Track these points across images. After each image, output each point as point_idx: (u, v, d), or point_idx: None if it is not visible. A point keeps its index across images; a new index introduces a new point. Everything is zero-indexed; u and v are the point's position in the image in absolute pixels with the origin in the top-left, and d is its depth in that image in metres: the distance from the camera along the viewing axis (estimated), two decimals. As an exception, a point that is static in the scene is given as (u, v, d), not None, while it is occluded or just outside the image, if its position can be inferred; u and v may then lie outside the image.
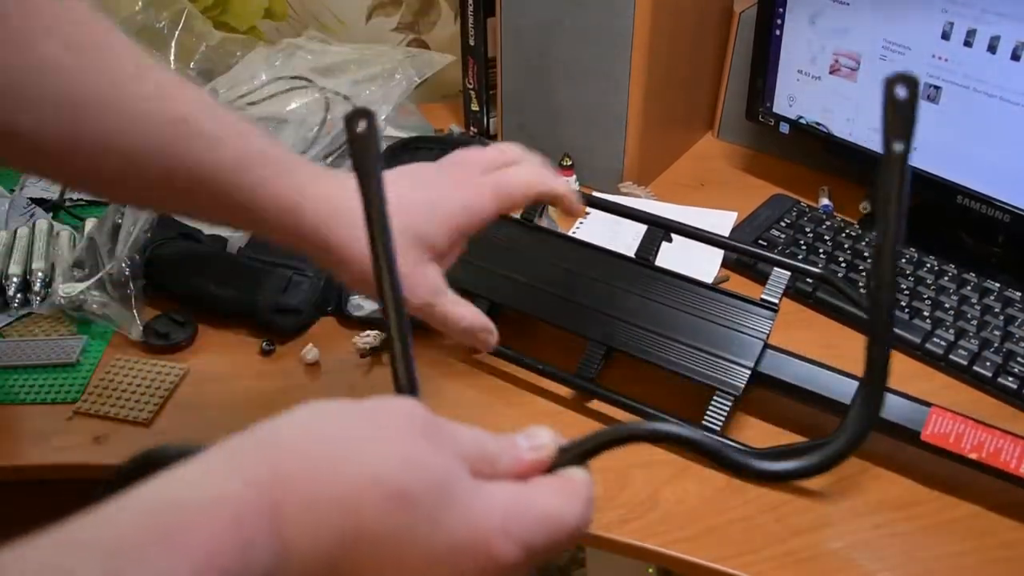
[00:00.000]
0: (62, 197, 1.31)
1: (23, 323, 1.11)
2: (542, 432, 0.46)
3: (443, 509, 0.40)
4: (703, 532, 0.85)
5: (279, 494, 0.38)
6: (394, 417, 0.42)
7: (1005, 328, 1.04)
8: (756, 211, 1.26)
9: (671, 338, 0.95)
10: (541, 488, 0.43)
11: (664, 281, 1.00)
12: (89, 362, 1.05)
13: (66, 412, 0.99)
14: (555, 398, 0.99)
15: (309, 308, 1.09)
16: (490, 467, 0.43)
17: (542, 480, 0.44)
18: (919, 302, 1.08)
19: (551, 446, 0.45)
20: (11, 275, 1.13)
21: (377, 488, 0.39)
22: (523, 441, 0.45)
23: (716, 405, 0.91)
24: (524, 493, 0.42)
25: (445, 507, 0.40)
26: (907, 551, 0.83)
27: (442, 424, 0.43)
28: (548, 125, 1.33)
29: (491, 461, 0.43)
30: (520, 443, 0.45)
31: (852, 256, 1.15)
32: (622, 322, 0.97)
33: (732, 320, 0.95)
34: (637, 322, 0.97)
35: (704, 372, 0.93)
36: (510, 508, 0.41)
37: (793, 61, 1.24)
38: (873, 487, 0.89)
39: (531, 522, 0.41)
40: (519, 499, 0.42)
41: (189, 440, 0.93)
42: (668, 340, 0.95)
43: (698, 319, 0.96)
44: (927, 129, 1.13)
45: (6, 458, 0.95)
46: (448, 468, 0.41)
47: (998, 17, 1.02)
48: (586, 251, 1.05)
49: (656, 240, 1.03)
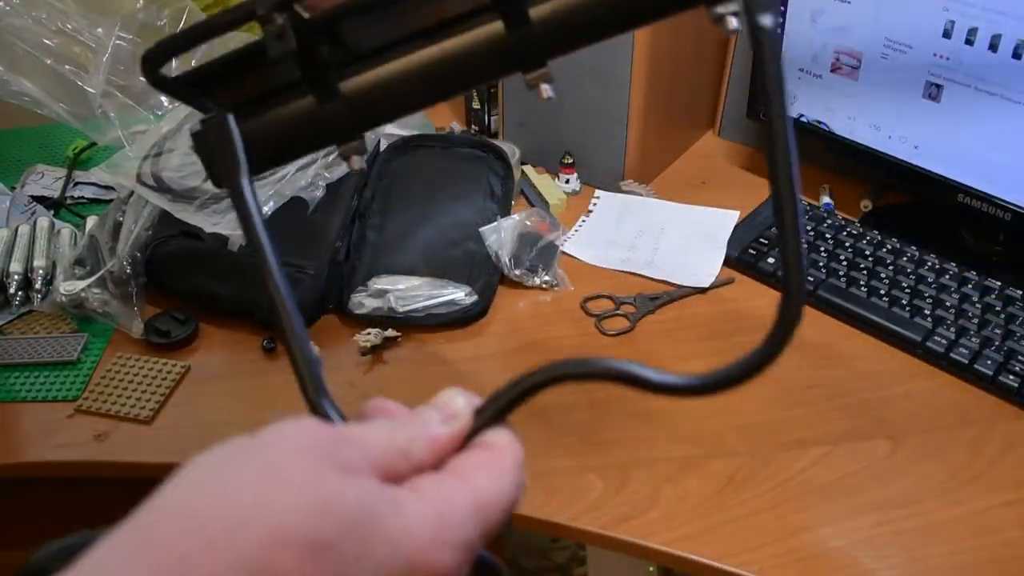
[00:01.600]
0: (63, 195, 1.32)
1: (24, 321, 1.11)
2: (455, 399, 0.43)
3: (367, 544, 0.36)
4: (704, 530, 0.85)
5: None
6: (291, 452, 0.37)
7: (1006, 327, 1.04)
8: (757, 210, 1.26)
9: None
10: (463, 472, 0.40)
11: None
12: (90, 360, 1.05)
13: (67, 410, 0.99)
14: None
15: (310, 306, 1.09)
16: (405, 461, 0.40)
17: (462, 459, 0.41)
18: (920, 300, 1.08)
19: (465, 413, 0.42)
20: (12, 273, 1.13)
21: (290, 544, 0.35)
22: (434, 415, 0.42)
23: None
24: (447, 491, 0.39)
25: (369, 541, 0.36)
26: (908, 549, 0.83)
27: (347, 437, 0.39)
28: (549, 123, 1.33)
29: (404, 453, 0.40)
30: (431, 419, 0.42)
31: (853, 254, 1.15)
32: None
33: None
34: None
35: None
36: (437, 515, 0.38)
37: (794, 59, 1.24)
38: (874, 486, 0.89)
39: (463, 520, 0.39)
40: (443, 500, 0.39)
41: (187, 441, 0.93)
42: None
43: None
44: (928, 127, 1.13)
45: (7, 455, 0.95)
46: (362, 498, 0.37)
47: (999, 16, 1.02)
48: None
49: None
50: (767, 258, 1.16)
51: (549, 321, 1.10)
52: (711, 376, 0.42)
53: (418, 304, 1.09)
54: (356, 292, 1.11)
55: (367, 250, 1.16)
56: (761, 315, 1.10)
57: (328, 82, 0.51)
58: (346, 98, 0.51)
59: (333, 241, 1.15)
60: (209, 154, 0.52)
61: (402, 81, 0.51)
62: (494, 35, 0.51)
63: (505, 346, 1.07)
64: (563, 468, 0.91)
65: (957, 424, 0.96)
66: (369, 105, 0.52)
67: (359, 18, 0.51)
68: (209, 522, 0.35)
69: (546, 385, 0.43)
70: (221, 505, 0.36)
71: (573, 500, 0.88)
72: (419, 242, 1.17)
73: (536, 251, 1.15)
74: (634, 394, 0.42)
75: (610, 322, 1.09)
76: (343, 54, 0.51)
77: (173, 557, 0.34)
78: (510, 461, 0.41)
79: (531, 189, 1.30)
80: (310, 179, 1.20)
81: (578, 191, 1.32)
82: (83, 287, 1.08)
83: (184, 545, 0.35)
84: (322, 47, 0.50)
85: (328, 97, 0.51)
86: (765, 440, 0.94)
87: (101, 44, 1.20)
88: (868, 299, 1.09)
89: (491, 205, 1.22)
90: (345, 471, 0.37)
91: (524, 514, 0.87)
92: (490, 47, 0.51)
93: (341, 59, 0.51)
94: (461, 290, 1.11)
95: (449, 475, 0.40)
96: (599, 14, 0.50)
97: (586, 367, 0.44)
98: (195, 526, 0.35)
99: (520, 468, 0.42)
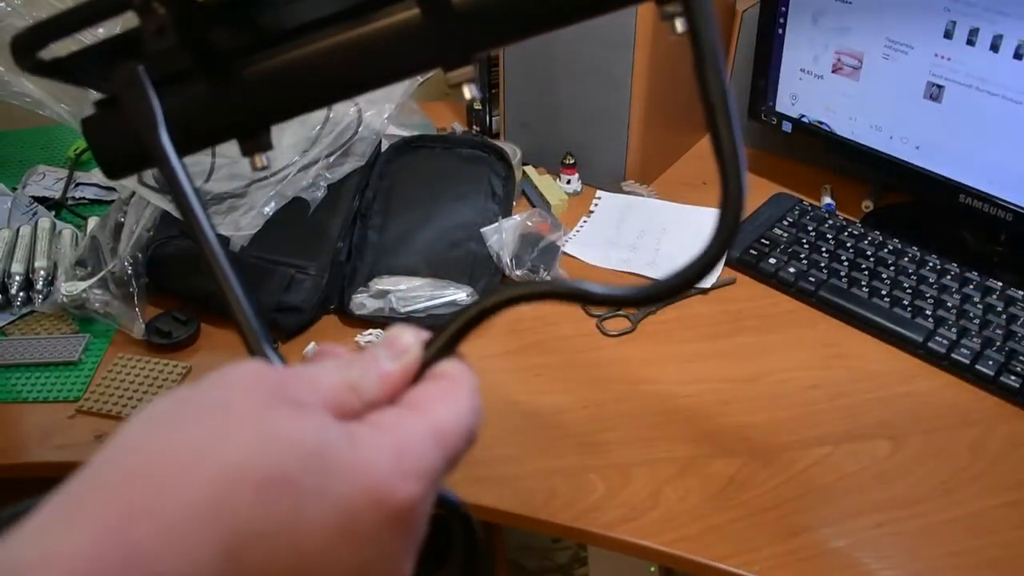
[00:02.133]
0: (64, 196, 1.32)
1: (25, 321, 1.11)
2: (403, 334, 0.41)
3: (325, 476, 0.35)
4: (705, 531, 0.85)
5: (133, 531, 0.32)
6: (241, 389, 0.36)
7: (1007, 327, 1.04)
8: (758, 210, 1.26)
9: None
10: (419, 403, 0.39)
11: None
12: (91, 360, 1.05)
13: (68, 410, 0.99)
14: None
15: (311, 307, 1.09)
16: (357, 398, 0.39)
17: (416, 391, 0.40)
18: (921, 301, 1.08)
19: (414, 347, 0.41)
20: (14, 273, 1.13)
21: (245, 480, 0.33)
22: (383, 351, 0.41)
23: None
24: (404, 422, 0.38)
25: (326, 473, 0.35)
26: (909, 550, 0.83)
27: (296, 375, 0.38)
28: (550, 124, 1.33)
29: (355, 389, 0.39)
30: (380, 355, 0.40)
31: (855, 255, 1.15)
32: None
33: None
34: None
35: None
36: (396, 445, 0.37)
37: (795, 60, 1.24)
38: (875, 486, 0.89)
39: (423, 449, 0.37)
40: (401, 431, 0.37)
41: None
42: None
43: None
44: (930, 128, 1.13)
45: (7, 456, 0.95)
46: (317, 430, 0.36)
47: (1001, 16, 1.02)
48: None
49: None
50: (768, 258, 1.16)
51: (550, 321, 1.10)
52: (652, 287, 0.41)
53: (419, 305, 1.09)
54: (357, 293, 1.11)
55: (368, 251, 1.16)
56: (763, 315, 1.11)
57: (224, 69, 0.47)
58: (245, 87, 0.47)
59: (334, 241, 1.15)
60: (105, 138, 0.49)
61: (307, 69, 0.47)
62: (410, 22, 0.46)
63: (506, 347, 1.07)
64: (564, 468, 0.91)
65: (958, 424, 0.96)
66: (270, 95, 0.48)
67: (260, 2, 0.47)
68: (158, 465, 0.34)
69: (492, 311, 0.42)
70: (169, 447, 0.34)
71: (574, 500, 0.88)
72: (420, 243, 1.17)
73: (537, 252, 1.15)
74: (634, 394, 0.42)
75: (611, 323, 1.09)
76: (243, 38, 0.47)
77: (122, 507, 0.33)
78: (465, 388, 0.40)
79: (532, 190, 1.30)
80: (311, 179, 1.20)
81: (579, 192, 1.32)
82: (84, 288, 1.09)
83: (133, 492, 0.33)
84: (218, 31, 0.46)
85: (224, 85, 0.47)
86: (766, 440, 0.94)
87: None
88: (869, 299, 1.09)
89: (492, 206, 1.22)
90: (297, 407, 0.36)
91: (525, 514, 0.87)
92: (405, 35, 0.46)
93: (241, 44, 0.47)
94: (462, 291, 1.11)
95: (406, 408, 0.39)
96: (529, 6, 0.46)
97: (530, 288, 0.43)
98: (144, 471, 0.34)
99: (476, 395, 0.40)
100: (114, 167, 0.50)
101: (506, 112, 1.38)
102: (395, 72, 0.48)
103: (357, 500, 0.35)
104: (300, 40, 0.47)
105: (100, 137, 0.49)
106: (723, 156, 0.41)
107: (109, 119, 0.49)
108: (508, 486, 0.89)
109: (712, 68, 0.42)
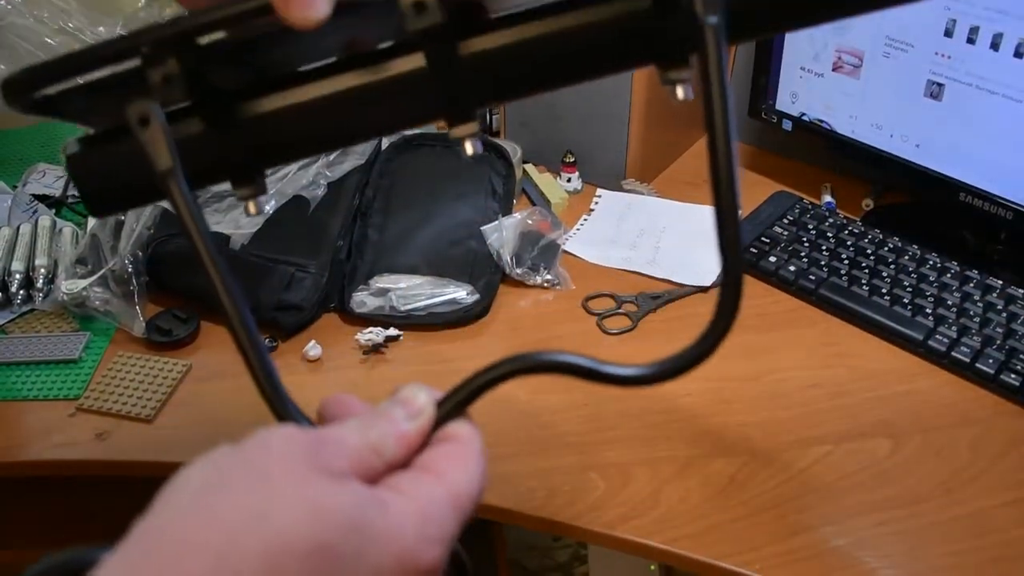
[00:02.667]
0: (65, 194, 1.32)
1: (26, 319, 1.11)
2: (417, 395, 0.44)
3: (361, 544, 0.38)
4: (705, 530, 0.85)
5: None
6: (278, 458, 0.39)
7: (1007, 325, 1.04)
8: (758, 208, 1.26)
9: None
10: (437, 468, 0.42)
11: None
12: (92, 358, 1.05)
13: (68, 408, 0.99)
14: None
15: (311, 305, 1.09)
16: (380, 460, 0.41)
17: (433, 455, 0.43)
18: (921, 299, 1.08)
19: (429, 407, 0.43)
20: (14, 271, 1.13)
21: (293, 551, 0.36)
22: (399, 412, 0.43)
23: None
24: (426, 488, 0.41)
25: (363, 543, 0.38)
26: (910, 549, 0.83)
27: (323, 439, 0.40)
28: (551, 122, 1.33)
29: (378, 451, 0.41)
30: (397, 416, 0.43)
31: (855, 253, 1.15)
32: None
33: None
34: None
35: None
36: (420, 513, 0.40)
37: (795, 58, 1.24)
38: (875, 485, 0.89)
39: (443, 515, 0.41)
40: (424, 498, 0.40)
41: (188, 440, 0.93)
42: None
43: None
44: (930, 126, 1.13)
45: (8, 454, 0.95)
46: (354, 500, 0.38)
47: (1000, 15, 1.02)
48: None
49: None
50: (768, 257, 1.16)
51: (550, 320, 1.10)
52: (658, 366, 0.44)
53: (419, 303, 1.09)
54: (357, 291, 1.11)
55: (368, 249, 1.16)
56: (763, 314, 1.11)
57: (223, 110, 0.46)
58: (243, 129, 0.46)
59: (335, 240, 1.15)
60: (94, 175, 0.47)
61: (306, 115, 0.46)
62: (416, 73, 0.45)
63: (506, 345, 1.07)
64: (565, 467, 0.91)
65: (958, 423, 0.96)
66: (268, 138, 0.47)
67: (264, 45, 0.45)
68: (210, 540, 0.36)
69: (503, 379, 0.44)
70: (219, 521, 0.36)
71: (575, 499, 0.88)
72: (420, 241, 1.17)
73: (537, 250, 1.15)
74: (635, 393, 0.43)
75: (612, 321, 1.09)
76: (243, 80, 0.46)
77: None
78: (475, 451, 0.43)
79: (533, 188, 1.30)
80: (311, 178, 1.20)
81: (580, 190, 1.32)
82: (85, 286, 1.08)
83: (190, 563, 0.35)
84: (219, 72, 0.45)
85: (222, 126, 0.46)
86: (766, 440, 0.94)
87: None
88: (870, 298, 1.09)
89: (492, 204, 1.22)
90: (332, 475, 0.39)
91: (526, 513, 0.87)
92: (410, 87, 0.45)
93: (241, 85, 0.46)
94: (462, 289, 1.11)
95: (424, 472, 0.42)
96: (539, 63, 0.46)
97: (540, 360, 0.44)
98: (198, 541, 0.36)
99: (484, 456, 0.43)
100: (102, 205, 0.49)
101: (507, 110, 1.38)
102: (396, 123, 0.48)
103: (387, 565, 0.38)
104: (302, 85, 0.46)
105: (89, 174, 0.48)
106: (723, 236, 0.44)
107: (97, 156, 0.48)
108: (509, 484, 0.89)
109: (724, 156, 0.44)
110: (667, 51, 0.44)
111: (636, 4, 0.44)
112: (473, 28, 0.45)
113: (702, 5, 0.41)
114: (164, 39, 0.42)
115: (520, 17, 0.45)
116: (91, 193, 0.48)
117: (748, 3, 0.45)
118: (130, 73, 0.44)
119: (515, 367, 0.43)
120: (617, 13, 0.45)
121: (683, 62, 0.44)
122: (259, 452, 0.39)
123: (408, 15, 0.42)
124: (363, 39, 0.47)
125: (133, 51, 0.42)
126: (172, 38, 0.42)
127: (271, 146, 0.47)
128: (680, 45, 0.44)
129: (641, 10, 0.44)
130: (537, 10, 0.46)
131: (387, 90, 0.46)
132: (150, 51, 0.42)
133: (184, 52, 0.42)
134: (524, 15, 0.46)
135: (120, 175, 0.48)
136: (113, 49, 0.43)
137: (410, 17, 0.42)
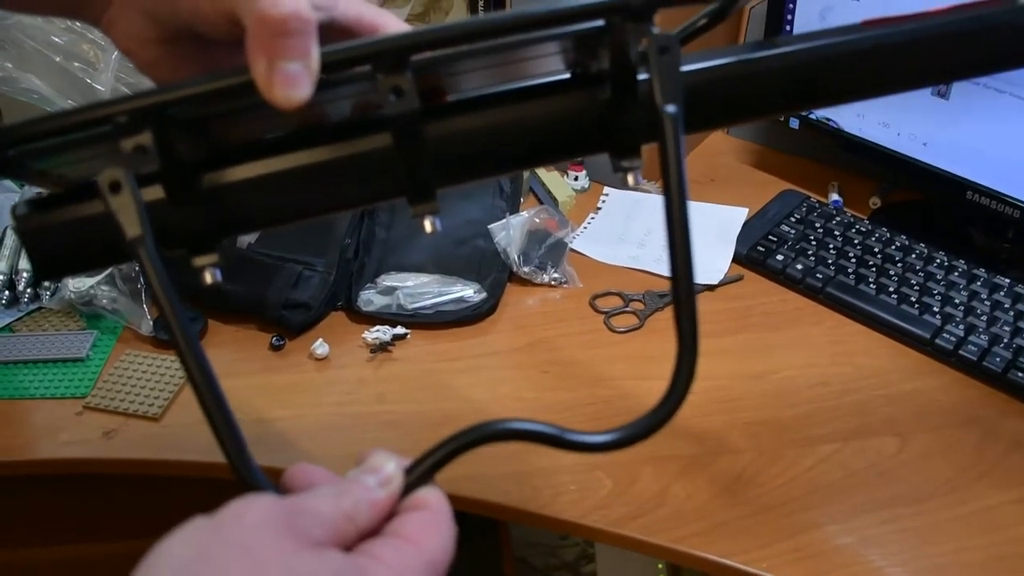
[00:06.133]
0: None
1: (33, 318, 1.11)
2: (386, 463, 0.45)
3: None
4: (712, 528, 0.85)
5: None
6: (257, 531, 0.39)
7: (1015, 324, 1.04)
8: (766, 207, 1.26)
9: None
10: (411, 535, 0.43)
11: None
12: (99, 357, 1.05)
13: (76, 407, 0.99)
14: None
15: (319, 303, 1.09)
16: (354, 527, 0.42)
17: (406, 522, 0.44)
18: (929, 298, 1.08)
19: (398, 475, 0.45)
20: (21, 270, 1.13)
21: None
22: (370, 479, 0.44)
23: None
24: (403, 556, 0.42)
25: None
26: (915, 547, 0.83)
27: (301, 510, 0.41)
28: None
29: (351, 519, 0.42)
30: (369, 483, 0.44)
31: (862, 252, 1.15)
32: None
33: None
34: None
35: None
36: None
37: (803, 56, 1.23)
38: (882, 483, 0.89)
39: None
40: (402, 565, 0.41)
41: (196, 438, 0.93)
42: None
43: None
44: (937, 125, 1.13)
45: (16, 452, 0.95)
46: (335, 569, 0.40)
47: (1009, 12, 1.02)
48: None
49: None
50: (776, 255, 1.16)
51: (558, 318, 1.10)
52: (621, 432, 0.48)
53: (427, 301, 1.10)
54: (365, 289, 1.11)
55: (376, 247, 1.17)
56: (770, 312, 1.10)
57: (187, 177, 0.45)
58: (205, 198, 0.46)
59: (342, 238, 1.15)
60: (47, 239, 0.46)
61: (268, 187, 0.46)
62: (381, 151, 0.45)
63: (514, 343, 1.07)
64: (571, 466, 0.91)
65: (965, 421, 0.96)
66: (229, 208, 0.47)
67: (234, 117, 0.46)
68: None
69: (468, 448, 0.45)
70: None
71: (582, 498, 0.88)
72: (428, 239, 1.17)
73: (545, 248, 1.15)
74: (641, 391, 0.44)
75: (619, 319, 1.09)
76: (205, 149, 0.46)
77: None
78: (446, 518, 0.44)
79: (540, 186, 1.30)
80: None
81: (587, 188, 1.32)
82: (92, 284, 1.09)
83: None
84: (186, 142, 0.45)
85: (185, 195, 0.45)
86: (773, 438, 0.94)
87: (110, 42, 1.20)
88: (877, 296, 1.09)
89: (500, 202, 1.22)
90: (311, 545, 0.40)
91: (532, 511, 0.87)
92: (374, 164, 0.46)
93: (206, 156, 0.46)
94: (470, 287, 1.11)
95: (400, 540, 0.43)
96: (501, 148, 0.46)
97: (505, 428, 0.45)
98: None
99: (452, 520, 0.45)
100: (54, 268, 0.48)
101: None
102: (358, 200, 0.48)
103: None
104: (266, 158, 0.46)
105: (41, 237, 0.47)
106: (682, 336, 0.47)
107: (52, 219, 0.46)
108: (515, 483, 0.89)
109: (682, 246, 0.47)
110: (622, 139, 0.46)
111: (596, 94, 0.46)
112: (436, 111, 0.45)
113: (662, 95, 0.43)
114: (142, 110, 0.42)
115: (482, 102, 0.46)
116: (43, 257, 0.47)
117: (705, 95, 0.47)
118: (98, 138, 0.43)
119: (480, 435, 0.45)
120: (579, 102, 0.46)
121: (635, 151, 0.46)
122: (236, 525, 0.40)
123: (386, 99, 0.43)
124: (323, 113, 0.47)
125: (107, 120, 0.42)
126: (150, 108, 0.42)
127: (233, 217, 0.47)
128: (634, 134, 0.46)
129: (601, 100, 0.46)
130: (500, 96, 0.46)
131: (352, 167, 0.46)
132: (126, 121, 0.42)
133: (158, 123, 0.42)
134: (486, 100, 0.46)
135: (77, 239, 0.47)
136: (87, 117, 0.42)
137: (388, 101, 0.42)
